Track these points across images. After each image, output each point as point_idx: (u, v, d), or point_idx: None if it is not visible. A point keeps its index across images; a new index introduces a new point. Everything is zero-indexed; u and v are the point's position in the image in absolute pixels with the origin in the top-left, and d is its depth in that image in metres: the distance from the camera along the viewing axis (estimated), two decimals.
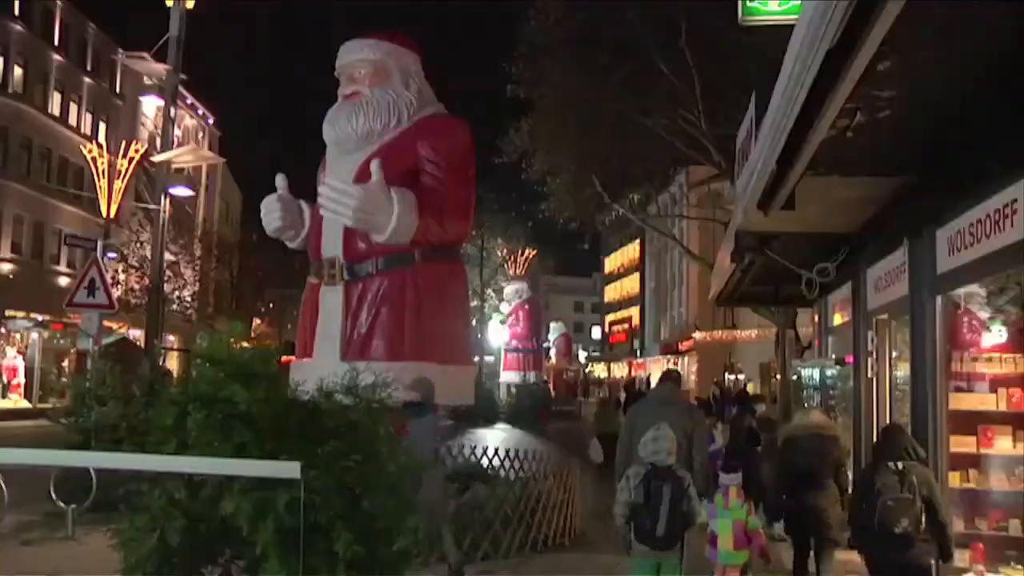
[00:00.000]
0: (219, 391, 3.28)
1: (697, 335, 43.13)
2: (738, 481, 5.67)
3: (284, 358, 5.25)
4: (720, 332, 41.16)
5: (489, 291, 36.21)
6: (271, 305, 41.71)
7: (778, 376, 20.12)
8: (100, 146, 19.92)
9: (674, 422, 5.70)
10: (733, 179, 10.88)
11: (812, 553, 5.98)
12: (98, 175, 18.81)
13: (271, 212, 8.38)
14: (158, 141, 15.07)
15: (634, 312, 66.37)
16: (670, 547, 4.93)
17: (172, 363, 26.90)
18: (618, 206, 23.41)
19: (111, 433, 8.63)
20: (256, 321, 38.91)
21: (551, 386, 34.68)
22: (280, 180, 8.40)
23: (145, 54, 13.69)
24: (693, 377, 44.63)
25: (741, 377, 35.30)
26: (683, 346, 47.43)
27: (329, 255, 8.11)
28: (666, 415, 5.88)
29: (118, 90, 35.47)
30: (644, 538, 4.93)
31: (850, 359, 8.30)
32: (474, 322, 30.52)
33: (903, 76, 4.01)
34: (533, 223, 30.68)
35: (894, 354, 7.17)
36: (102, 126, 33.99)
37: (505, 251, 34.57)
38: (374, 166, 7.48)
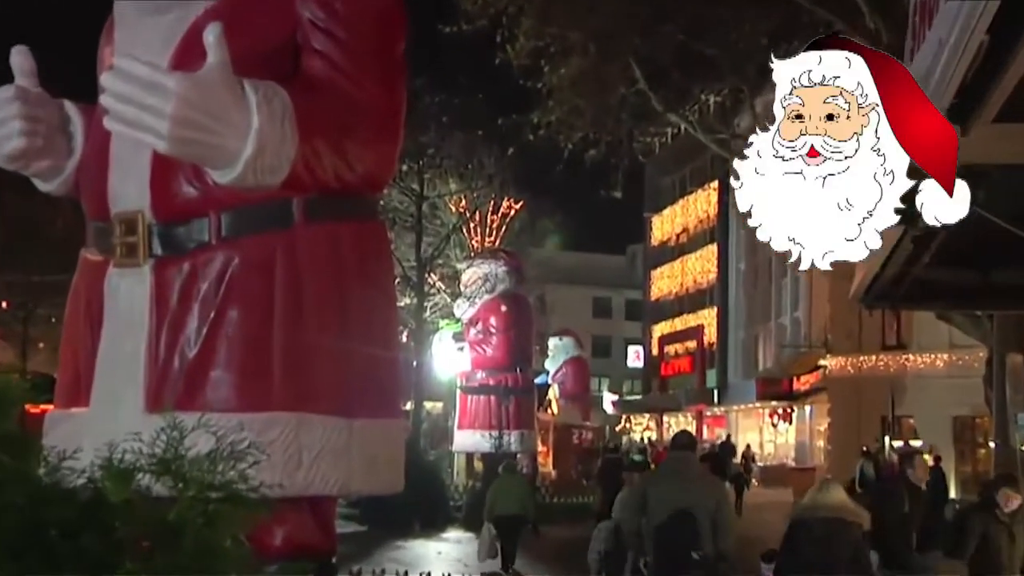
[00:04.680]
0: None
1: (829, 362, 43.50)
2: None
3: (32, 407, 5.17)
4: (874, 357, 41.46)
5: (433, 278, 35.59)
6: (3, 304, 41.68)
7: (991, 442, 20.30)
8: None
9: (694, 501, 8.73)
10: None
11: None
12: None
13: (4, 121, 8.34)
14: None
15: (707, 318, 67.00)
16: None
17: None
18: (678, 117, 23.58)
19: None
20: None
21: (550, 456, 34.72)
22: (19, 57, 8.34)
23: None
24: (821, 442, 45.03)
25: (918, 444, 35.47)
26: (801, 383, 47.98)
27: (123, 208, 8.03)
28: (684, 494, 8.82)
29: None
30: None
31: None
32: (405, 337, 30.31)
33: None
34: (518, 150, 30.46)
35: None
36: None
37: (464, 204, 34.41)
38: (211, 36, 7.43)
